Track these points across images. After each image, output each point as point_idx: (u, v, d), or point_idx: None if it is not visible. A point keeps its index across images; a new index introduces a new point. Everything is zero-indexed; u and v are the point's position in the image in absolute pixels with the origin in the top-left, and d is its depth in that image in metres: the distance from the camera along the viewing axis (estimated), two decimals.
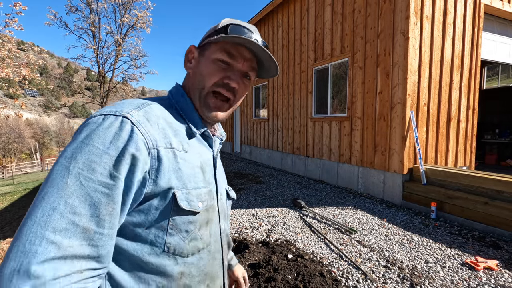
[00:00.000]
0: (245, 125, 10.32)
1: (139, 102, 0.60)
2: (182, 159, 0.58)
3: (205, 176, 0.65)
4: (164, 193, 0.54)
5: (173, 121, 0.62)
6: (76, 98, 52.87)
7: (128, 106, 0.56)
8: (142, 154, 0.51)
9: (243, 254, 2.80)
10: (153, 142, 0.53)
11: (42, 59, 10.29)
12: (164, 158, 0.54)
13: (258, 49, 0.65)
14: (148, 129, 0.53)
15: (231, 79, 0.64)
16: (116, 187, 0.48)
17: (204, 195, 0.62)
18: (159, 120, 0.58)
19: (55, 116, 37.73)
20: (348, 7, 5.28)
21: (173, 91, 0.71)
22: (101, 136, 0.49)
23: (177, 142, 0.59)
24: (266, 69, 0.73)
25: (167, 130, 0.58)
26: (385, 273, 2.45)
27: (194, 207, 0.59)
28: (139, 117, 0.54)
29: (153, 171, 0.53)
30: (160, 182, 0.54)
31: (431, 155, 4.57)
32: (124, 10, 14.93)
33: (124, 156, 0.49)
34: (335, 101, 5.88)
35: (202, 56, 0.67)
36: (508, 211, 3.11)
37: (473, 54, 4.86)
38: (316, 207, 4.35)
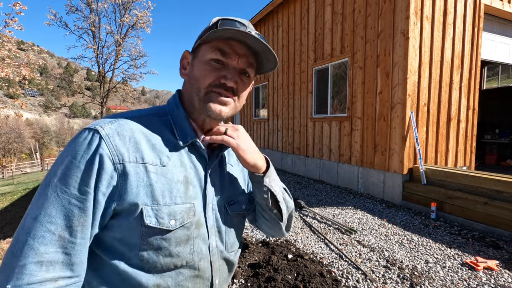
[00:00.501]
0: (245, 125, 10.32)
1: (121, 115, 0.59)
2: (156, 173, 0.56)
3: (189, 191, 0.61)
4: (132, 209, 0.54)
5: (154, 134, 0.59)
6: (76, 98, 52.93)
7: (107, 119, 0.57)
8: (108, 168, 0.51)
9: (243, 254, 2.80)
10: (119, 157, 0.53)
11: (42, 59, 10.29)
12: (131, 174, 0.53)
13: (252, 41, 0.59)
14: (116, 143, 0.53)
15: (227, 78, 0.60)
16: (86, 200, 0.50)
17: (179, 212, 0.58)
18: (135, 133, 0.56)
19: (55, 116, 37.76)
20: (348, 7, 5.28)
21: (170, 100, 0.69)
22: (74, 150, 0.51)
23: (152, 156, 0.57)
24: (265, 62, 0.67)
25: (142, 144, 0.56)
26: (385, 273, 2.45)
27: (163, 224, 0.56)
28: (110, 130, 0.54)
29: (120, 186, 0.53)
30: (127, 198, 0.53)
31: (431, 155, 4.57)
32: (124, 10, 14.94)
33: (91, 170, 0.50)
34: (335, 101, 5.88)
35: (195, 59, 0.63)
36: (508, 211, 3.11)
37: (473, 54, 4.86)
38: (316, 207, 4.35)
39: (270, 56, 0.64)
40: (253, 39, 0.59)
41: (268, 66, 0.69)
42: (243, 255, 2.79)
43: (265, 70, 0.71)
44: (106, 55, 15.32)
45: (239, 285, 2.31)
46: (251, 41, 0.60)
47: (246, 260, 2.68)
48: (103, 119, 0.58)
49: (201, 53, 0.62)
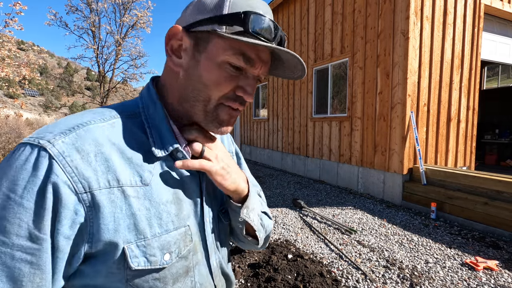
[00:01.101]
0: (245, 125, 10.32)
1: (76, 121, 0.42)
2: (139, 197, 0.43)
3: (182, 210, 0.48)
4: (111, 249, 0.40)
5: (127, 143, 0.44)
6: (76, 98, 52.95)
7: (56, 128, 0.40)
8: (68, 201, 0.37)
9: (243, 254, 2.80)
10: (84, 184, 0.38)
11: (42, 58, 10.30)
12: (104, 203, 0.39)
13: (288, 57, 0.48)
14: (76, 164, 0.38)
15: (246, 93, 0.48)
16: (41, 251, 0.36)
17: (174, 242, 0.46)
18: (101, 147, 0.41)
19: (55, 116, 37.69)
20: (348, 7, 5.28)
21: (144, 92, 0.52)
22: (12, 179, 0.36)
23: (130, 175, 0.42)
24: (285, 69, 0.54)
25: (113, 160, 0.41)
26: (385, 273, 2.45)
27: (156, 262, 0.44)
28: (64, 146, 0.38)
29: (91, 222, 0.39)
30: (102, 236, 0.39)
31: (431, 155, 4.57)
32: (124, 10, 14.95)
33: (43, 208, 0.35)
34: (335, 101, 5.88)
35: (201, 52, 0.46)
36: (508, 211, 3.11)
37: (473, 54, 4.86)
38: (316, 207, 4.35)
39: (296, 71, 0.52)
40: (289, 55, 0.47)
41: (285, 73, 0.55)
42: (243, 255, 2.79)
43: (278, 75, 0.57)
44: (106, 55, 15.34)
45: (239, 285, 2.31)
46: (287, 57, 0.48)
47: (246, 260, 2.68)
48: (48, 126, 0.41)
49: (213, 49, 0.45)
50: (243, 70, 0.47)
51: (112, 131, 0.44)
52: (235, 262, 2.65)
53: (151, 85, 0.52)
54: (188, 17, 0.47)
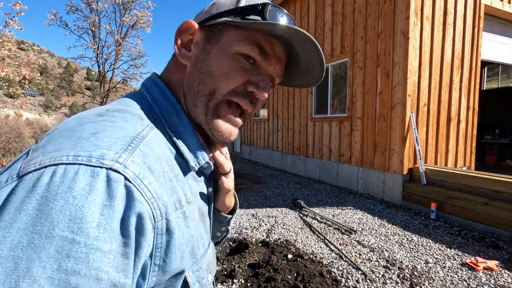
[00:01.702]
0: (245, 125, 10.33)
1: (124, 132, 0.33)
2: (190, 217, 0.39)
3: (206, 225, 0.46)
4: (175, 279, 0.36)
5: (170, 157, 0.39)
6: (76, 98, 52.95)
7: (110, 142, 0.31)
8: (149, 234, 0.30)
9: (243, 254, 2.80)
10: (162, 210, 0.32)
11: (42, 58, 10.30)
12: (175, 229, 0.34)
13: (308, 49, 0.43)
14: (155, 189, 0.32)
15: (258, 87, 0.43)
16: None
17: (212, 260, 0.44)
18: (162, 164, 0.35)
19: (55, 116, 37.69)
20: (348, 7, 5.28)
21: (157, 95, 0.44)
22: (71, 215, 0.25)
23: (181, 194, 0.37)
24: (299, 75, 0.49)
25: (173, 179, 0.37)
26: (385, 273, 2.45)
27: (205, 286, 0.41)
28: (138, 167, 0.31)
29: (157, 253, 0.33)
30: (170, 267, 0.34)
31: (431, 156, 4.57)
32: (124, 10, 14.96)
33: (128, 245, 0.28)
34: (335, 101, 5.88)
35: (213, 44, 0.43)
36: (508, 211, 3.11)
37: (473, 55, 4.86)
38: (316, 207, 4.35)
39: (314, 73, 0.47)
40: (311, 47, 0.42)
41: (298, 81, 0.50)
42: (243, 255, 2.79)
43: (292, 84, 0.52)
44: (106, 55, 15.35)
45: (239, 285, 2.31)
46: (302, 49, 0.43)
47: (246, 260, 2.68)
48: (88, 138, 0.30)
49: (226, 40, 0.42)
50: (257, 64, 0.43)
51: (160, 145, 0.37)
52: (235, 262, 2.65)
53: (164, 86, 0.46)
54: (203, 14, 0.45)
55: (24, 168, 0.28)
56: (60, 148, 0.29)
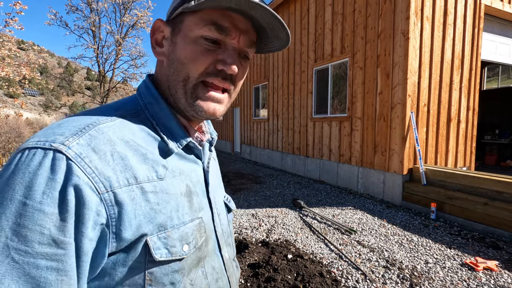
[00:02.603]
0: (245, 125, 10.32)
1: (83, 121, 0.41)
2: (155, 192, 0.43)
3: (193, 203, 0.49)
4: (133, 245, 0.40)
5: (138, 140, 0.44)
6: (76, 98, 52.94)
7: (65, 130, 0.39)
8: (91, 203, 0.36)
9: (243, 254, 2.80)
10: (105, 183, 0.38)
11: (42, 58, 10.30)
12: (126, 202, 0.39)
13: (260, 13, 0.44)
14: (95, 165, 0.37)
15: (226, 63, 0.46)
16: (67, 256, 0.34)
17: (191, 234, 0.47)
18: (115, 146, 0.41)
19: (55, 116, 37.70)
20: (348, 7, 5.28)
21: (142, 89, 0.51)
22: (26, 185, 0.34)
23: (146, 171, 0.43)
24: (270, 40, 0.52)
25: (129, 158, 0.41)
26: (385, 273, 2.45)
27: (176, 254, 0.44)
28: (80, 148, 0.37)
29: (112, 222, 0.38)
30: (125, 234, 0.39)
31: (431, 156, 4.57)
32: (124, 10, 14.96)
33: (67, 211, 0.34)
34: (335, 101, 5.88)
35: (177, 35, 0.47)
36: (508, 211, 3.11)
37: (473, 55, 4.86)
38: (316, 207, 4.35)
39: (280, 33, 0.49)
40: (261, 11, 0.44)
41: (274, 45, 0.53)
42: (243, 255, 2.79)
43: (268, 49, 0.55)
44: (106, 55, 15.35)
45: (238, 285, 2.31)
46: (258, 13, 0.44)
47: (246, 260, 2.68)
48: (52, 129, 0.40)
49: (186, 27, 0.46)
50: (221, 42, 0.46)
51: (123, 130, 0.43)
52: None
53: (148, 82, 0.52)
54: (169, 9, 0.49)
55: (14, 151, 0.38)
56: (34, 136, 0.39)
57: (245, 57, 0.50)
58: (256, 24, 0.48)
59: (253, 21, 0.48)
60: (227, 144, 12.36)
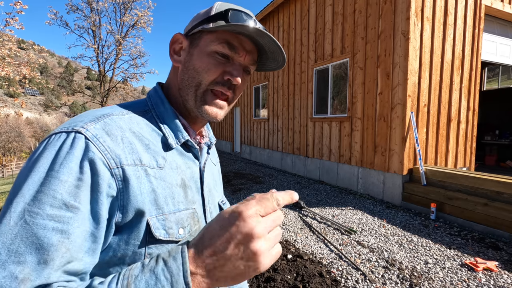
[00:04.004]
0: (245, 125, 10.32)
1: (99, 112, 0.50)
2: (156, 177, 0.49)
3: (188, 195, 0.55)
4: (136, 221, 0.45)
5: (144, 132, 0.51)
6: (77, 97, 52.93)
7: (84, 118, 0.47)
8: (104, 175, 0.42)
9: None
10: (116, 160, 0.44)
11: (42, 58, 10.30)
12: (133, 178, 0.45)
13: (265, 40, 0.55)
14: (108, 144, 0.44)
15: (233, 75, 0.55)
16: (73, 219, 0.38)
17: (186, 219, 0.52)
18: (125, 132, 0.48)
19: (55, 115, 37.74)
20: (349, 8, 5.28)
21: (151, 93, 0.60)
22: (48, 158, 0.40)
23: (148, 158, 0.49)
24: (269, 62, 0.63)
25: (135, 144, 0.48)
26: (385, 273, 2.45)
27: (173, 235, 0.49)
28: (96, 130, 0.44)
29: (120, 195, 0.43)
30: (131, 207, 0.44)
31: (431, 156, 4.57)
32: (124, 10, 14.95)
33: (81, 180, 0.40)
34: (335, 102, 5.88)
35: (195, 48, 0.56)
36: (508, 212, 3.11)
37: (473, 55, 4.86)
38: (315, 207, 4.35)
39: (278, 57, 0.60)
40: (267, 39, 0.54)
41: (271, 66, 0.64)
42: None
43: (265, 69, 0.66)
44: (106, 55, 15.34)
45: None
46: (264, 40, 0.55)
47: None
48: (76, 118, 0.48)
49: (203, 43, 0.55)
50: (230, 58, 0.55)
51: (131, 123, 0.51)
52: None
53: (158, 87, 0.61)
54: (188, 27, 0.59)
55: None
56: (61, 125, 0.47)
57: (247, 72, 0.60)
58: (260, 47, 0.58)
59: (257, 44, 0.57)
60: (227, 144, 12.36)
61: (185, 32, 0.59)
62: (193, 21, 0.58)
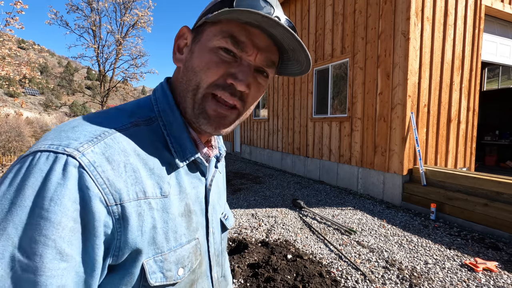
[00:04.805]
0: (245, 125, 10.32)
1: (98, 128, 0.39)
2: (159, 210, 0.41)
3: (192, 223, 0.47)
4: (132, 264, 0.38)
5: (149, 151, 0.42)
6: (77, 97, 52.91)
7: (79, 135, 0.37)
8: (100, 215, 0.34)
9: (242, 254, 2.80)
10: (115, 196, 0.36)
11: (42, 57, 10.31)
12: (133, 217, 0.37)
13: (280, 32, 0.41)
14: (107, 175, 0.36)
15: (236, 79, 0.43)
16: (68, 271, 0.32)
17: (187, 257, 0.45)
18: (128, 157, 0.39)
19: (55, 115, 37.68)
20: (349, 8, 5.28)
21: (158, 94, 0.49)
22: (33, 188, 0.32)
23: (152, 186, 0.41)
24: (291, 64, 0.49)
25: (140, 172, 0.40)
26: (385, 273, 2.45)
27: (171, 278, 0.42)
28: (94, 156, 0.36)
29: (117, 235, 0.36)
30: (126, 249, 0.37)
31: (431, 156, 4.57)
32: (124, 9, 14.96)
33: (76, 221, 0.32)
34: (335, 102, 5.88)
35: (196, 43, 0.46)
36: (508, 212, 3.11)
37: (473, 56, 4.86)
38: (315, 207, 4.35)
39: (300, 57, 0.46)
40: (281, 30, 0.40)
41: (294, 69, 0.50)
42: (243, 255, 2.79)
43: (288, 73, 0.52)
44: (106, 54, 15.35)
45: (238, 285, 2.31)
46: (278, 32, 0.42)
47: (245, 260, 2.68)
48: (66, 132, 0.38)
49: (205, 36, 0.44)
50: (238, 56, 0.43)
51: (135, 140, 0.41)
52: (234, 262, 2.65)
53: (166, 88, 0.49)
54: (197, 20, 0.48)
55: (24, 153, 0.36)
56: (45, 139, 0.37)
57: (264, 74, 0.46)
58: (279, 44, 0.45)
59: (275, 40, 0.44)
60: (227, 144, 12.37)
61: (193, 26, 0.49)
62: (200, 14, 0.48)
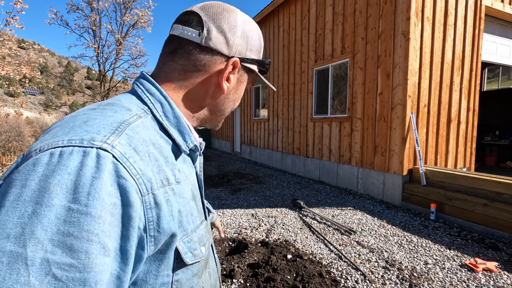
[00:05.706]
0: (245, 125, 10.32)
1: (113, 119, 0.39)
2: (178, 195, 0.42)
3: (197, 206, 0.50)
4: (165, 249, 0.40)
5: (160, 141, 0.44)
6: (77, 97, 52.90)
7: (99, 128, 0.36)
8: (136, 205, 0.34)
9: (242, 254, 2.80)
10: (147, 185, 0.36)
11: (42, 57, 10.31)
12: (163, 204, 0.38)
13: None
14: (139, 166, 0.36)
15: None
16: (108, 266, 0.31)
17: (204, 235, 0.48)
18: (149, 147, 0.40)
19: (56, 115, 37.68)
20: (349, 8, 5.28)
21: (147, 86, 0.48)
22: (62, 186, 0.30)
23: (171, 173, 0.42)
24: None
25: (160, 160, 0.41)
26: (384, 274, 2.45)
27: (198, 256, 0.45)
28: (123, 147, 0.35)
29: (150, 225, 0.36)
30: (161, 237, 0.38)
31: (431, 156, 4.57)
32: (125, 9, 14.95)
33: (113, 214, 0.32)
34: (335, 102, 5.88)
35: (241, 83, 0.57)
36: (507, 213, 3.11)
37: (473, 56, 4.86)
38: (315, 207, 4.35)
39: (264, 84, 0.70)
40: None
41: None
42: (243, 255, 2.79)
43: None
44: (106, 54, 15.34)
45: (238, 285, 2.31)
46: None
47: (245, 260, 2.68)
48: (81, 126, 0.36)
49: (242, 77, 0.57)
50: None
51: (146, 130, 0.42)
52: (234, 262, 2.65)
53: (153, 81, 0.49)
54: (238, 46, 0.52)
55: (26, 154, 0.33)
56: (56, 136, 0.34)
57: None
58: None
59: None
60: (227, 144, 12.36)
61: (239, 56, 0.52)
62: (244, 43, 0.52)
